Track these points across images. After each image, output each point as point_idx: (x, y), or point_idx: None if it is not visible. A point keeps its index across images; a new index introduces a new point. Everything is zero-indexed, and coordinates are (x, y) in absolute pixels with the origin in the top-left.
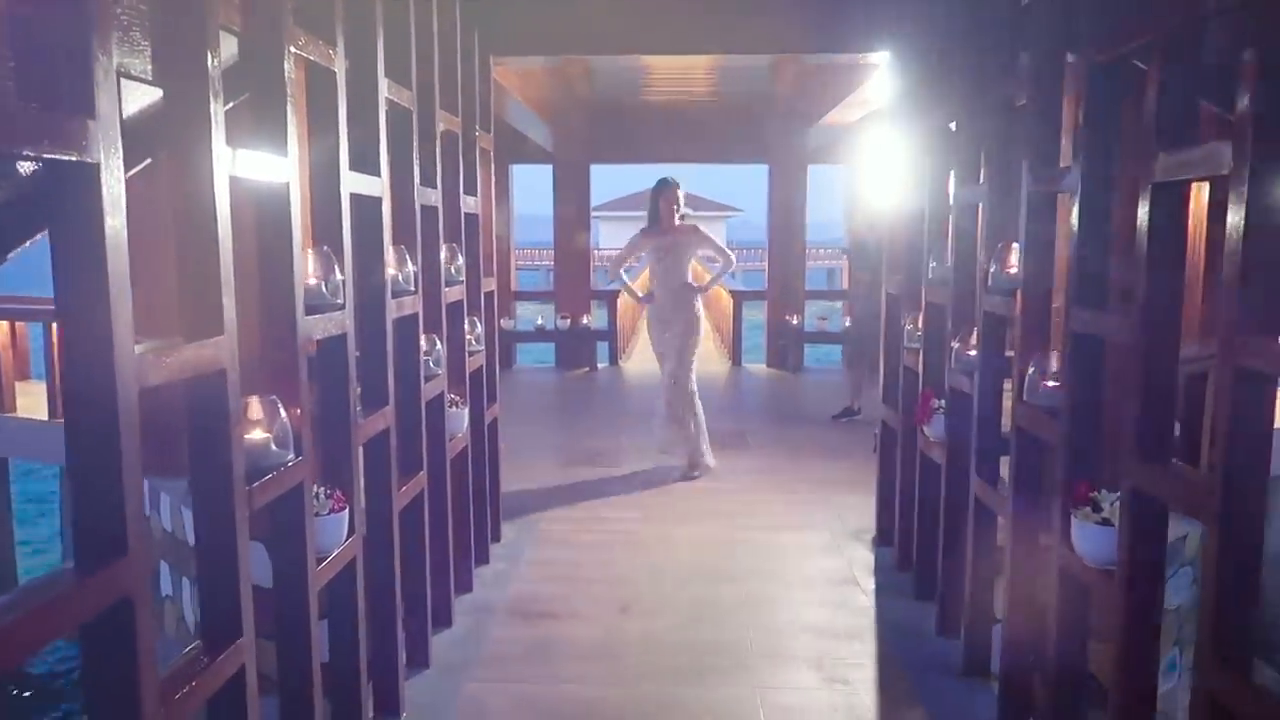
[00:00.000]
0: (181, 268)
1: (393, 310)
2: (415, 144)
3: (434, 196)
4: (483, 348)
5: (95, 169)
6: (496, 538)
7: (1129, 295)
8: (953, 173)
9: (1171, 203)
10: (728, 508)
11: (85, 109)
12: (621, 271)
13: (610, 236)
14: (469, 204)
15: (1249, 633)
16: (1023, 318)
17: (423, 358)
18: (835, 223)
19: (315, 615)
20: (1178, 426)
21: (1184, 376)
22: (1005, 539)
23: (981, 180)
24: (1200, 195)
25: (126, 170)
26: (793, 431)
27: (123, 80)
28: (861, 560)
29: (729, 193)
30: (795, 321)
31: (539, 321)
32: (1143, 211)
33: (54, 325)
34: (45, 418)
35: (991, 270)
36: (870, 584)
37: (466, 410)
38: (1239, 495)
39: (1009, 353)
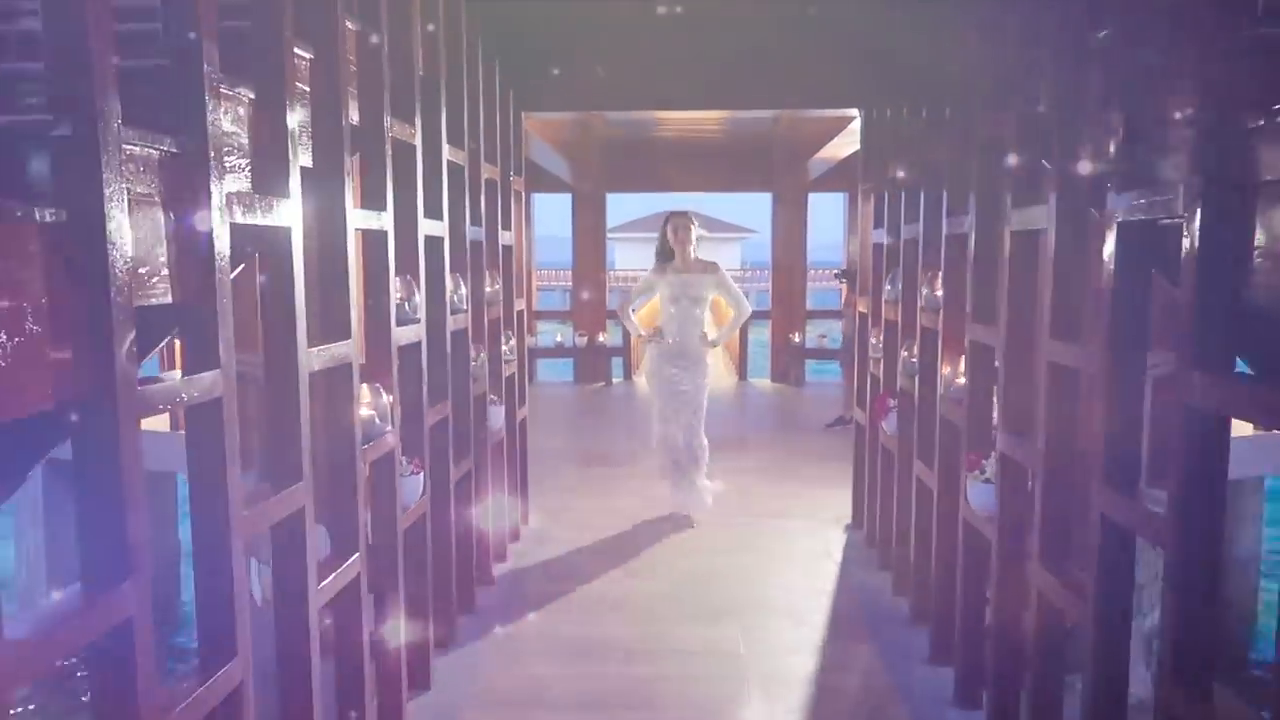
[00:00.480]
0: (322, 290)
1: (451, 325)
2: (467, 193)
3: (479, 233)
4: (515, 358)
5: (288, 232)
6: (525, 520)
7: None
8: (901, 213)
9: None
10: (724, 499)
11: (282, 192)
12: (630, 311)
13: (625, 258)
14: (505, 238)
15: (1210, 656)
16: (944, 329)
17: (470, 365)
18: (838, 245)
19: (401, 552)
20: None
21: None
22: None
23: (918, 220)
24: None
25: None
26: (789, 437)
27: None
28: (836, 540)
29: (741, 216)
30: (797, 339)
31: (558, 339)
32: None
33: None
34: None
35: (924, 293)
36: (839, 557)
37: (503, 408)
38: (1195, 526)
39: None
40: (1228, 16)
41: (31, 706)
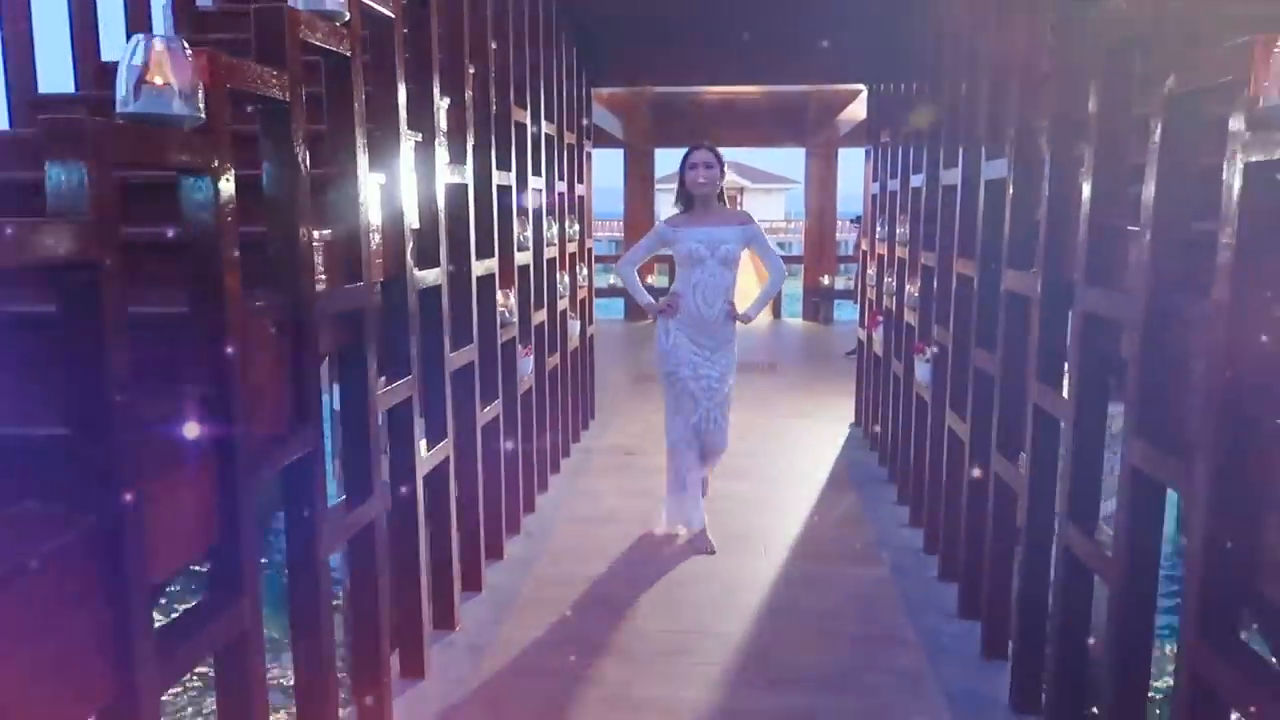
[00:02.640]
0: (477, 225)
1: (546, 254)
2: (557, 157)
3: (562, 186)
4: (586, 284)
5: (465, 187)
6: (593, 414)
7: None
8: (886, 169)
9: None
10: (754, 404)
11: (461, 162)
12: (634, 270)
13: (667, 205)
14: (580, 190)
15: (1236, 611)
16: (909, 259)
17: (557, 285)
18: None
19: (519, 409)
20: None
21: None
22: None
23: (897, 174)
24: None
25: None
26: (814, 364)
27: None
28: (841, 432)
29: (783, 167)
30: (827, 281)
31: (611, 280)
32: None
33: None
34: None
35: (899, 232)
36: (841, 442)
37: (579, 322)
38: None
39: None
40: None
41: None
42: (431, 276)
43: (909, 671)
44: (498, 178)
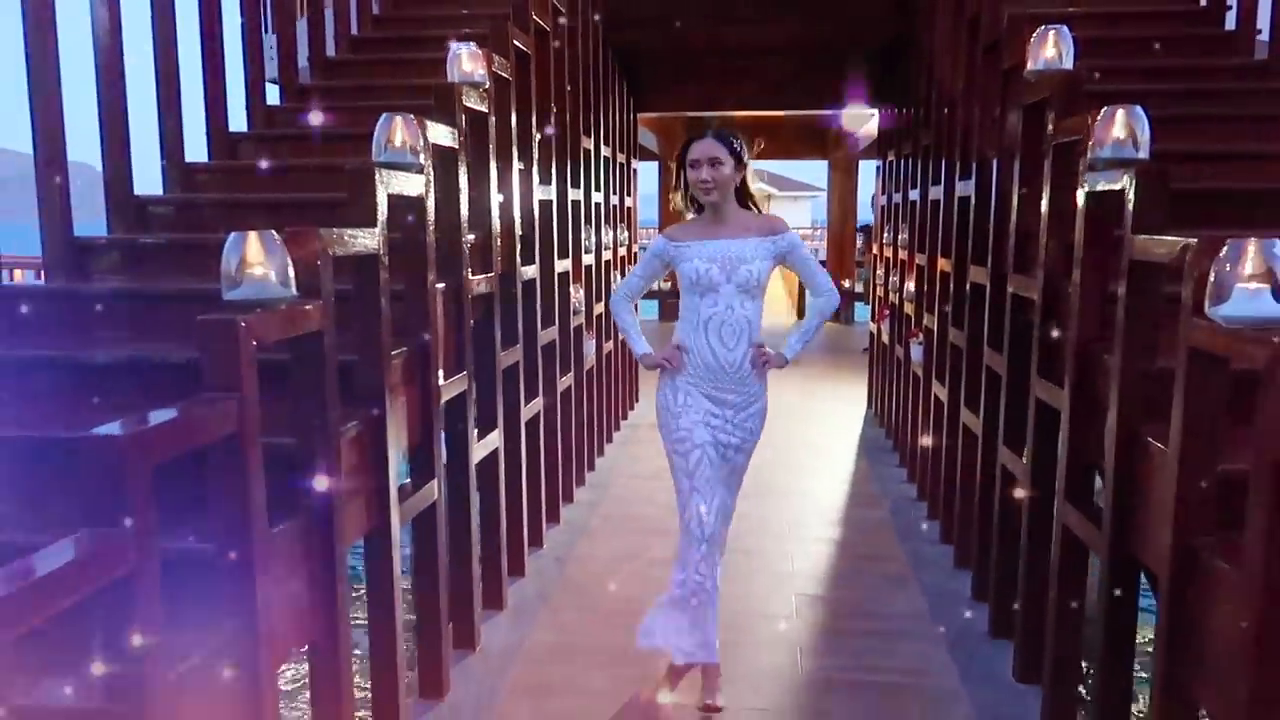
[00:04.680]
0: (559, 231)
1: (605, 256)
2: (610, 173)
3: (615, 199)
4: None
5: (550, 203)
6: (637, 397)
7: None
8: (892, 183)
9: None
10: (776, 388)
11: (548, 182)
12: (627, 301)
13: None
14: (629, 202)
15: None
16: (907, 261)
17: (613, 283)
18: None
19: (584, 384)
20: None
21: None
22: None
23: (898, 189)
24: None
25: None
26: (836, 358)
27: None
28: (856, 414)
29: (809, 175)
30: (848, 284)
31: None
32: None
33: None
34: None
35: (901, 238)
36: (858, 422)
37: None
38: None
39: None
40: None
41: None
42: (529, 271)
43: (896, 576)
44: (571, 194)
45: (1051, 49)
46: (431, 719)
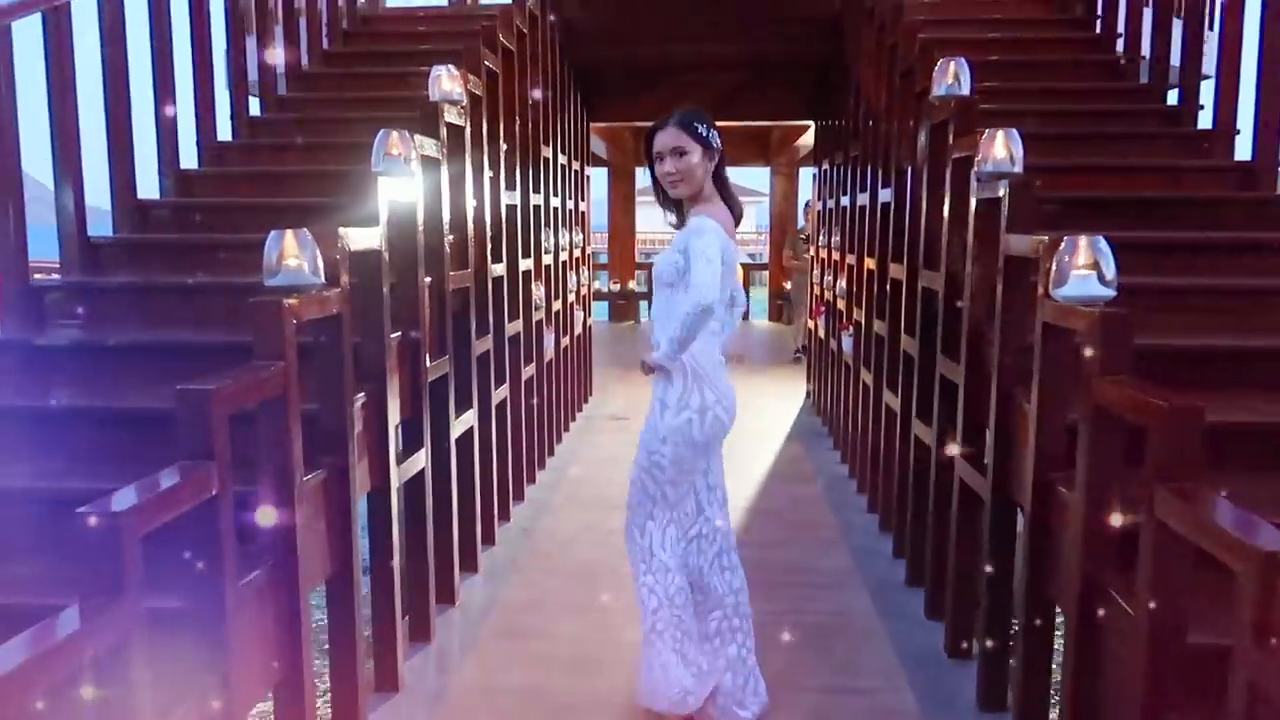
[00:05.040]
0: (523, 233)
1: (562, 256)
2: (566, 179)
3: (570, 204)
4: (587, 282)
5: (515, 208)
6: (590, 391)
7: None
8: (825, 189)
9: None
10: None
11: (513, 186)
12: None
13: (646, 219)
14: (582, 206)
15: None
16: (838, 260)
17: (567, 282)
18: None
19: (540, 376)
20: None
21: None
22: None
23: (831, 195)
24: None
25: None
26: (776, 356)
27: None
28: (795, 407)
29: (755, 181)
30: (789, 286)
31: (596, 285)
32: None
33: None
34: None
35: (833, 240)
36: (796, 411)
37: (582, 313)
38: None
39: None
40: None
41: None
42: (498, 269)
43: (828, 540)
44: (533, 199)
45: (952, 77)
46: (421, 658)
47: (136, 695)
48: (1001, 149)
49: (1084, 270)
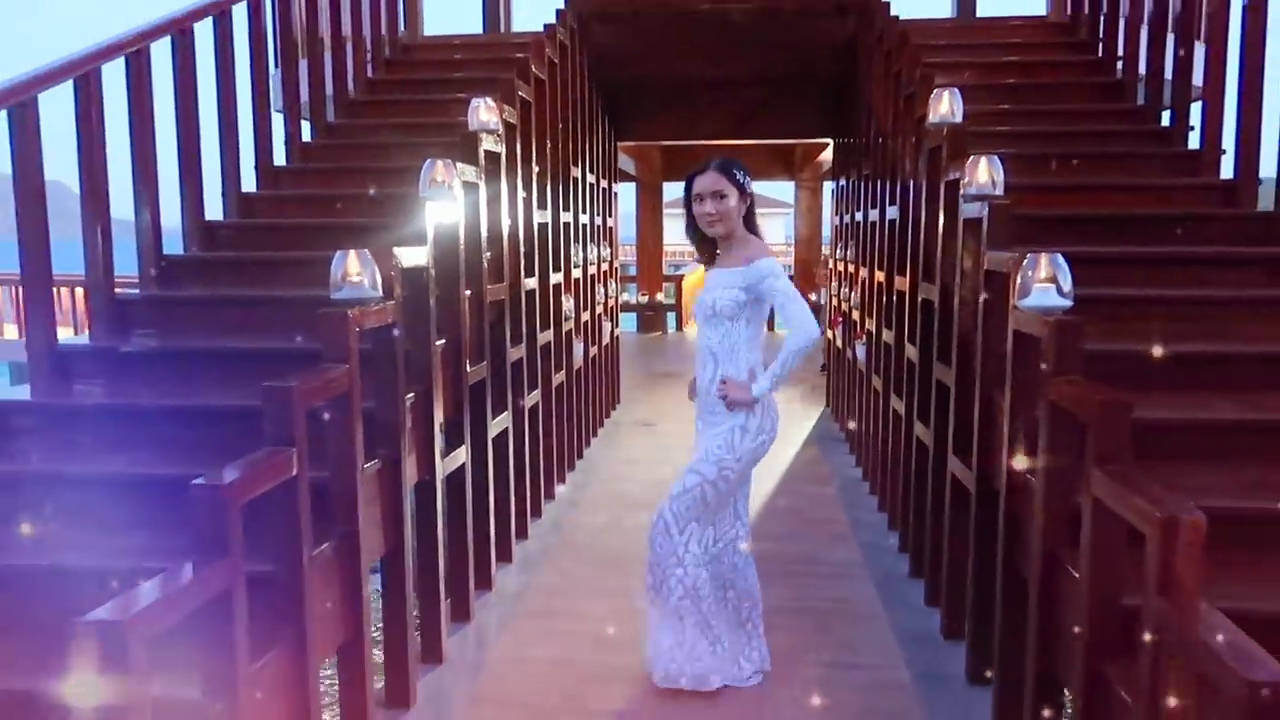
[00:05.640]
0: (554, 248)
1: (591, 270)
2: (594, 196)
3: (599, 220)
4: (615, 294)
5: (547, 225)
6: (619, 399)
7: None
8: (843, 205)
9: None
10: None
11: (543, 206)
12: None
13: (672, 231)
14: (609, 222)
15: None
16: (853, 274)
17: (596, 294)
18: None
19: (570, 381)
20: None
21: None
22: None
23: (859, 207)
24: None
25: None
26: (805, 367)
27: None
28: (815, 414)
29: (782, 192)
30: (815, 298)
31: (624, 296)
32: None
33: None
34: None
35: (848, 254)
36: (816, 417)
37: (610, 324)
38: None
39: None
40: None
41: None
42: (530, 283)
43: (838, 535)
44: (563, 216)
45: (945, 106)
46: (461, 635)
47: (236, 639)
48: (984, 174)
49: (1044, 283)
